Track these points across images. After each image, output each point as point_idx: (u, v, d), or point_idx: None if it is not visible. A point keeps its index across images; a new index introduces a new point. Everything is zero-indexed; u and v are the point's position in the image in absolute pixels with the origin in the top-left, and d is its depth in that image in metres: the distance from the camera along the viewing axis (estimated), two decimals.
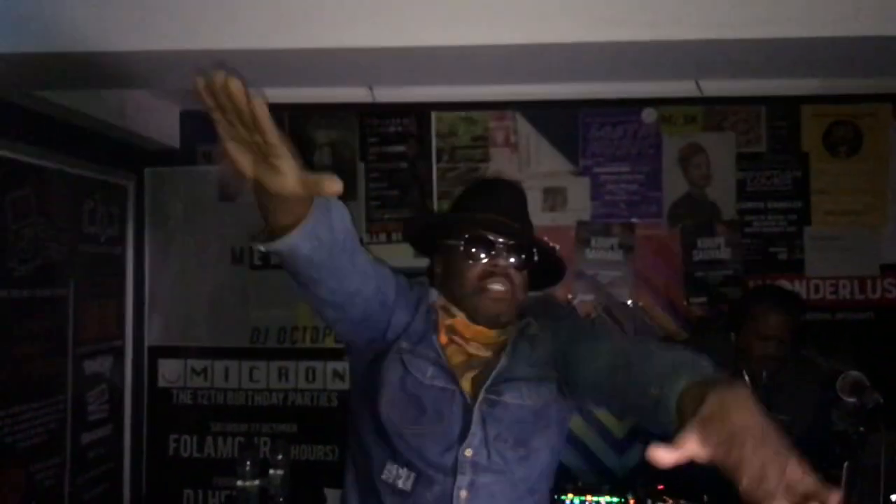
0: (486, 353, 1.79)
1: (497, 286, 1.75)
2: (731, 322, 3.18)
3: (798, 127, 3.80)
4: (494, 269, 1.76)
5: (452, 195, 3.89)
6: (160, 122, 3.81)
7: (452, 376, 1.74)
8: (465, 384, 1.76)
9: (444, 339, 1.78)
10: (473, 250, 1.77)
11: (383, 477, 1.73)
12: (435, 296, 1.83)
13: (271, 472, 2.89)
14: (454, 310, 1.79)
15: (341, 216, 1.41)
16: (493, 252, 1.77)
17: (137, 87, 3.42)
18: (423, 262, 3.95)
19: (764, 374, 3.03)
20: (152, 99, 3.72)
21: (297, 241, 1.32)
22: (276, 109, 1.02)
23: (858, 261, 3.75)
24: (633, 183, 3.87)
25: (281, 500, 2.83)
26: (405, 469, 1.71)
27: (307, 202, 1.28)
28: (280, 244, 1.32)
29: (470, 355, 1.79)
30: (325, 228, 1.35)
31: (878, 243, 3.73)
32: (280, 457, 2.89)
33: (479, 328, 1.78)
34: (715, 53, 2.62)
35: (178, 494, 3.96)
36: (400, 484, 1.71)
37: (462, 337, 1.79)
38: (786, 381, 3.05)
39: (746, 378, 3.02)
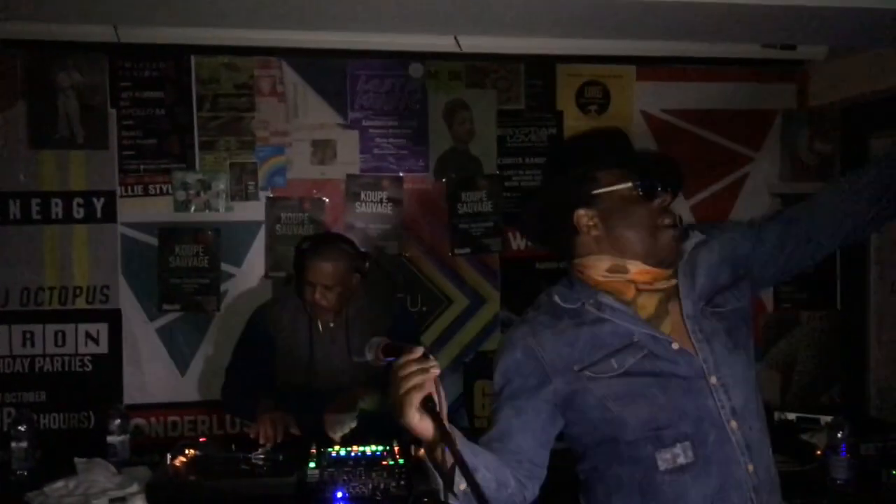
0: (668, 285, 1.68)
1: (671, 222, 1.65)
2: (295, 274, 3.08)
3: (554, 86, 4.01)
4: (665, 205, 1.66)
5: (217, 145, 3.73)
6: None
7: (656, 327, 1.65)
8: (667, 327, 1.65)
9: (631, 294, 1.66)
10: (649, 189, 1.64)
11: (662, 468, 1.60)
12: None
13: (13, 444, 2.65)
14: (629, 264, 1.64)
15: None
16: (662, 188, 1.65)
17: None
18: (182, 218, 3.75)
19: (319, 323, 2.99)
20: None
21: None
22: (9, 46, 0.89)
23: None
24: (401, 137, 3.90)
25: (24, 474, 2.61)
26: (678, 445, 1.60)
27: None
28: None
29: (658, 300, 1.67)
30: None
31: None
32: (23, 428, 2.66)
33: (658, 271, 1.65)
34: (473, 7, 2.70)
35: None
36: (682, 460, 1.59)
37: (648, 285, 1.66)
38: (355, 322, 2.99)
39: (320, 327, 3.00)
